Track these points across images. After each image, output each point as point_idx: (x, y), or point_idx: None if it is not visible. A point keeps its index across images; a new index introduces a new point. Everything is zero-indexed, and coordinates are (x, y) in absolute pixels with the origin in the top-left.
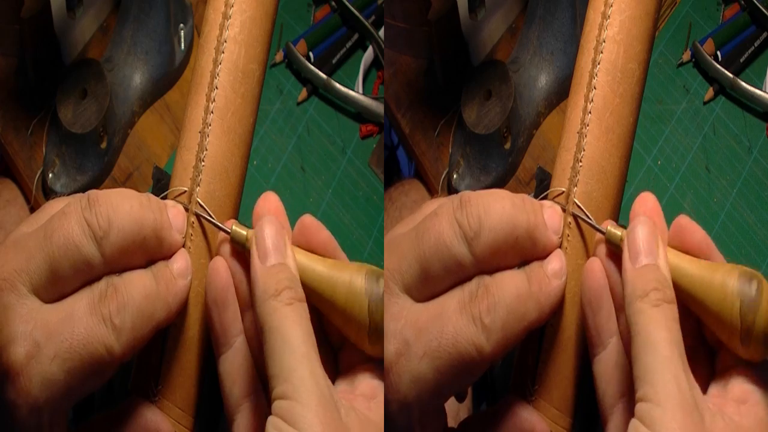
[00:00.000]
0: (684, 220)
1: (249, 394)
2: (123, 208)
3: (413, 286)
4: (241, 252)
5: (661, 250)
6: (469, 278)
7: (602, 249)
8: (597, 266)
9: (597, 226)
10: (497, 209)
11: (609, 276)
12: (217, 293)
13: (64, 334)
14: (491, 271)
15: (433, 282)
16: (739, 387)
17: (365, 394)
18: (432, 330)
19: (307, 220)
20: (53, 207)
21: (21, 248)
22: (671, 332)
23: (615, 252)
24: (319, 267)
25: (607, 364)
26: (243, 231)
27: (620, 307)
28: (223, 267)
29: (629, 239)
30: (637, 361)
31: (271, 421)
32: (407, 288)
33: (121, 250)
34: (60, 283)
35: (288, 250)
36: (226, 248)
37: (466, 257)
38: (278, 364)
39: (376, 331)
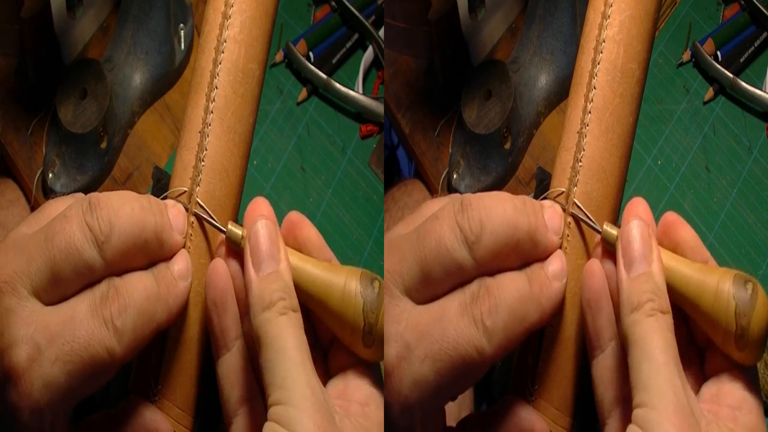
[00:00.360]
0: (671, 217)
1: (247, 398)
2: (124, 211)
3: (414, 288)
4: (239, 252)
5: (655, 254)
6: (469, 281)
7: (600, 250)
8: (597, 268)
9: (595, 225)
10: (498, 212)
11: (608, 278)
12: (216, 295)
13: (66, 336)
14: (492, 273)
15: (433, 285)
16: (732, 394)
17: (359, 401)
18: (433, 332)
19: (294, 216)
20: (53, 207)
21: (21, 250)
22: (666, 341)
23: (612, 252)
24: (313, 269)
25: (605, 367)
26: (238, 231)
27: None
28: (222, 269)
29: (623, 244)
30: (634, 370)
31: (268, 426)
32: (407, 290)
33: (122, 253)
34: (61, 285)
35: (282, 254)
36: (223, 250)
37: (467, 261)
38: (274, 373)
39: (370, 334)
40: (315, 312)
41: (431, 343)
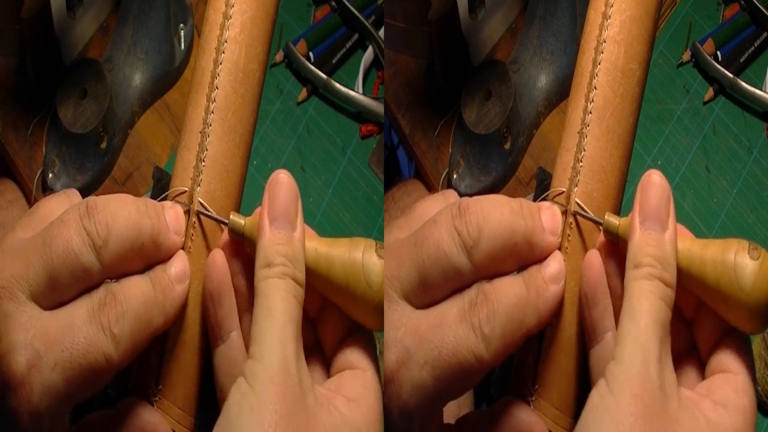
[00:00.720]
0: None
1: None
2: (122, 215)
3: (412, 293)
4: (241, 249)
5: (671, 220)
6: (467, 285)
7: (601, 243)
8: (596, 260)
9: (594, 217)
10: (496, 216)
11: (608, 272)
12: (213, 286)
13: (65, 343)
14: (490, 276)
15: (432, 289)
16: (722, 392)
17: (348, 396)
18: (433, 339)
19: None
20: (45, 207)
21: (19, 255)
22: (655, 307)
23: (613, 243)
24: (314, 244)
25: (600, 358)
26: (241, 220)
27: (618, 304)
28: (221, 260)
29: (641, 195)
30: (619, 324)
31: (238, 380)
32: (406, 295)
33: (119, 257)
34: (58, 290)
35: (299, 222)
36: (226, 244)
37: (465, 265)
38: (256, 328)
39: (375, 303)
40: (320, 289)
41: (431, 350)
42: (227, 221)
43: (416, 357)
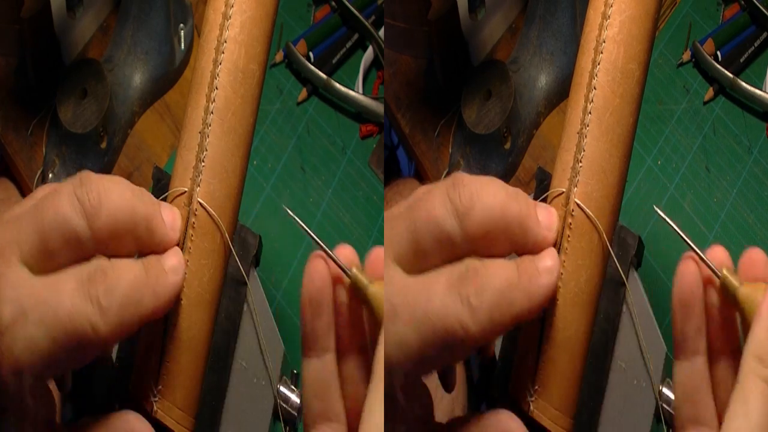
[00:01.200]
0: (757, 255)
1: (327, 417)
2: (115, 191)
3: (405, 258)
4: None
5: None
6: (459, 257)
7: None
8: (692, 269)
9: (714, 268)
10: (490, 192)
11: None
12: (311, 294)
13: (51, 303)
14: (482, 254)
15: (423, 255)
16: None
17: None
18: (419, 299)
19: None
20: (45, 189)
21: (13, 224)
22: None
23: (727, 299)
24: None
25: (688, 378)
26: (365, 279)
27: (713, 321)
28: (321, 267)
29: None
30: (729, 412)
31: None
32: (399, 260)
33: (110, 230)
34: (49, 255)
35: None
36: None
37: (456, 231)
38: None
39: None
40: None
41: (416, 309)
42: (349, 272)
43: (402, 315)
